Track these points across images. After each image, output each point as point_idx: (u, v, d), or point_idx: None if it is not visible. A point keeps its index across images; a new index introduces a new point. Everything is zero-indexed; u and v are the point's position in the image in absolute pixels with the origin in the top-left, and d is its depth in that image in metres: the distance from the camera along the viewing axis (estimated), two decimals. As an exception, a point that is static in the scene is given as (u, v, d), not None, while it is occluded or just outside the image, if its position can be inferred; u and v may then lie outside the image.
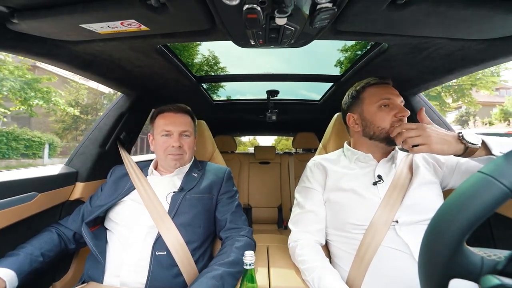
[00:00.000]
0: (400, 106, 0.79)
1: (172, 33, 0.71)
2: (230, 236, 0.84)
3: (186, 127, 0.93)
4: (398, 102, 0.80)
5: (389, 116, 0.78)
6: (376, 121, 0.80)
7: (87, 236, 0.78)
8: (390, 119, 0.78)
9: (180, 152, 0.91)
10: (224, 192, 0.96)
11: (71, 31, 0.66)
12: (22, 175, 0.84)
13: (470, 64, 0.85)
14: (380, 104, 0.80)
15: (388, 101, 0.79)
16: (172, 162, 0.91)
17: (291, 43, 0.74)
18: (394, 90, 0.82)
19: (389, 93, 0.81)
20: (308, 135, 2.40)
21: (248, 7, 0.52)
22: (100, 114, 0.97)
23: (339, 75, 1.32)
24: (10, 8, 0.58)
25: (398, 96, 0.81)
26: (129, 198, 0.87)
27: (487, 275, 0.31)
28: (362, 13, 0.59)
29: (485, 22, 0.60)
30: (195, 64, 1.55)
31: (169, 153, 0.90)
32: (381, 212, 0.72)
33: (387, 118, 0.78)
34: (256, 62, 1.44)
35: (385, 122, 0.79)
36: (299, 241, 0.80)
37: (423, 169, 0.81)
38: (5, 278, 0.65)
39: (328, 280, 0.65)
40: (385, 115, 0.79)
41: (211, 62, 1.80)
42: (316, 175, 0.89)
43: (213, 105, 1.81)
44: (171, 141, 0.89)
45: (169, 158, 0.91)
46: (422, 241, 0.36)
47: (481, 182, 0.33)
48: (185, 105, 0.99)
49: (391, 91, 0.82)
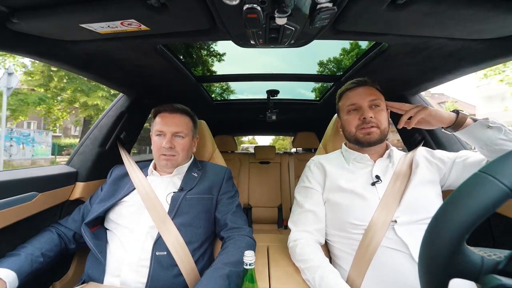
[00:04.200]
0: (365, 107, 0.81)
1: (172, 33, 0.71)
2: (231, 236, 0.84)
3: (179, 128, 0.92)
4: (364, 104, 0.82)
5: (355, 120, 0.83)
6: (346, 126, 0.87)
7: (87, 236, 0.78)
8: (355, 123, 0.83)
9: (172, 153, 0.90)
10: (224, 192, 0.96)
11: (71, 31, 0.66)
12: (22, 175, 0.84)
13: (470, 64, 0.85)
14: (348, 109, 0.86)
15: (353, 106, 0.84)
16: (163, 162, 0.91)
17: (291, 43, 0.74)
18: (366, 89, 0.84)
19: (357, 95, 0.84)
20: (308, 134, 2.41)
21: (248, 7, 0.52)
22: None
23: (339, 75, 1.32)
24: (10, 8, 0.58)
25: (367, 95, 0.82)
26: (129, 198, 0.87)
27: (487, 274, 0.31)
28: (362, 13, 0.59)
29: (485, 22, 0.60)
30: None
31: (161, 153, 0.90)
32: (380, 212, 0.73)
33: (353, 122, 0.84)
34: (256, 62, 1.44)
35: (351, 125, 0.85)
36: (299, 241, 0.80)
37: (424, 168, 0.81)
38: (5, 279, 0.65)
39: (329, 279, 0.65)
40: (352, 119, 0.84)
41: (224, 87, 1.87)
42: (316, 175, 0.90)
43: (213, 105, 1.81)
44: (163, 142, 0.89)
45: (161, 158, 0.91)
46: (422, 241, 0.36)
47: (482, 181, 0.33)
48: (182, 105, 0.98)
49: (360, 93, 0.84)
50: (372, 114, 0.80)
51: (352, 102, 0.84)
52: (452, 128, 0.76)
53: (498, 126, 0.68)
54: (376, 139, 0.81)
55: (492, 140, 0.68)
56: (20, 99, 8.99)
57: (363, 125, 0.81)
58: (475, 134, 0.72)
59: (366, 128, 0.81)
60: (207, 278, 0.65)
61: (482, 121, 0.71)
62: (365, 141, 0.82)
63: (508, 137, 0.67)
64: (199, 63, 1.53)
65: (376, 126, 0.80)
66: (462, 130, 0.74)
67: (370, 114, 0.79)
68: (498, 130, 0.68)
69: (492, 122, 0.69)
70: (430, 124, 0.78)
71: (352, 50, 1.34)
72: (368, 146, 0.83)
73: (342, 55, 1.48)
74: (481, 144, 0.71)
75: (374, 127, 0.80)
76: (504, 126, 0.68)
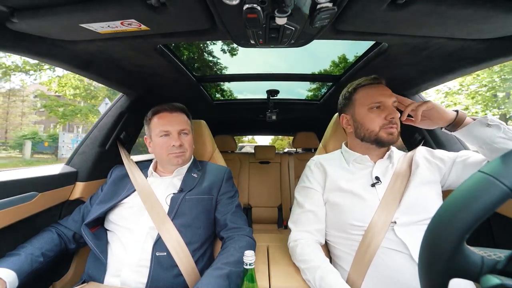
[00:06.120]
0: (391, 107, 0.79)
1: (172, 33, 0.71)
2: (231, 236, 0.84)
3: (183, 125, 0.93)
4: (389, 103, 0.79)
5: (379, 119, 0.79)
6: (366, 123, 0.81)
7: (88, 237, 0.78)
8: (380, 122, 0.79)
9: (182, 150, 0.91)
10: (224, 192, 0.95)
11: (71, 31, 0.66)
12: (22, 175, 0.84)
13: (470, 64, 0.85)
14: (370, 106, 0.81)
15: (378, 103, 0.80)
16: (175, 160, 0.91)
17: (291, 43, 0.74)
18: (387, 90, 0.82)
19: (381, 94, 0.80)
20: (308, 134, 2.40)
21: (248, 7, 0.52)
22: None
23: (339, 75, 1.32)
24: (10, 8, 0.58)
25: (390, 96, 0.80)
26: (129, 200, 0.87)
27: (487, 274, 0.31)
28: (362, 12, 0.59)
29: (485, 22, 0.60)
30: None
31: (170, 152, 0.90)
32: (379, 214, 0.73)
33: (377, 120, 0.79)
34: (256, 62, 1.44)
35: (374, 124, 0.79)
36: (299, 241, 0.80)
37: (424, 168, 0.81)
38: (5, 279, 0.65)
39: (329, 279, 0.65)
40: (375, 117, 0.79)
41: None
42: (316, 175, 0.90)
43: (213, 105, 1.81)
44: (172, 141, 0.89)
45: (171, 157, 0.90)
46: (422, 241, 0.36)
47: (482, 181, 0.33)
48: (178, 103, 0.99)
49: (382, 91, 0.81)
50: (399, 114, 0.78)
51: (378, 99, 0.80)
52: (451, 126, 0.75)
53: (497, 124, 0.68)
54: (396, 140, 0.80)
55: (492, 139, 0.68)
56: (72, 110, 12.91)
57: (389, 125, 0.78)
58: (474, 133, 0.71)
59: (390, 128, 0.78)
60: (207, 278, 0.65)
61: (481, 119, 0.71)
62: (388, 141, 0.79)
63: (507, 135, 0.67)
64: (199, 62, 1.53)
65: (397, 127, 0.79)
66: (461, 129, 0.73)
67: (398, 114, 0.78)
68: (497, 128, 0.68)
69: (491, 120, 0.69)
70: (432, 122, 0.78)
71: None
72: (387, 145, 0.81)
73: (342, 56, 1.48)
74: (481, 143, 0.71)
75: (395, 128, 0.79)
76: (503, 124, 0.68)
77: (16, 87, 15.82)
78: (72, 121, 14.12)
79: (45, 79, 10.70)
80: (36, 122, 17.38)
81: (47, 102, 12.99)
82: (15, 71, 11.19)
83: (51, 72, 10.83)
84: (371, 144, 0.82)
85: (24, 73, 11.31)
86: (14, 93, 15.93)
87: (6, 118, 15.94)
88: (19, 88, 15.72)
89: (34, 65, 10.72)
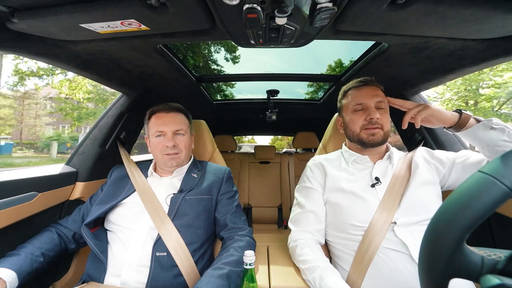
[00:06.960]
0: (372, 108, 0.80)
1: (172, 33, 0.71)
2: (231, 236, 0.84)
3: (179, 125, 0.93)
4: (370, 104, 0.81)
5: (360, 120, 0.82)
6: (349, 124, 0.86)
7: (88, 237, 0.78)
8: (361, 122, 0.82)
9: (176, 151, 0.90)
10: (223, 192, 0.95)
11: (71, 31, 0.66)
12: (22, 175, 0.84)
13: (470, 64, 0.85)
14: (354, 109, 0.84)
15: (360, 105, 0.83)
16: (169, 162, 0.91)
17: (291, 43, 0.74)
18: (373, 90, 0.83)
19: (364, 95, 0.83)
20: (309, 134, 2.40)
21: (248, 7, 0.52)
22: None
23: (339, 75, 1.32)
24: (10, 8, 0.58)
25: (372, 97, 0.81)
26: (129, 200, 0.87)
27: (487, 274, 0.31)
28: (362, 13, 0.59)
29: (485, 22, 0.60)
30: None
31: (165, 153, 0.90)
32: (379, 214, 0.73)
33: (358, 121, 0.83)
34: (256, 62, 1.44)
35: (356, 125, 0.83)
36: (299, 241, 0.80)
37: (423, 169, 0.81)
38: (5, 279, 0.65)
39: (329, 279, 0.65)
40: (357, 118, 0.83)
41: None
42: (316, 175, 0.90)
43: (213, 105, 1.81)
44: (165, 141, 0.89)
45: (165, 158, 0.90)
46: (422, 241, 0.36)
47: (482, 181, 0.33)
48: (176, 103, 0.98)
49: (366, 93, 0.83)
50: (378, 115, 0.79)
51: (359, 101, 0.82)
52: (454, 128, 0.75)
53: (501, 128, 0.67)
54: (380, 141, 0.81)
55: (495, 142, 0.68)
56: (86, 113, 13.89)
57: (368, 126, 0.80)
58: (477, 135, 0.71)
59: (371, 129, 0.80)
60: (207, 278, 0.65)
61: (485, 122, 0.70)
62: (369, 142, 0.81)
63: (511, 138, 0.66)
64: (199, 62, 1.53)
65: (380, 128, 0.80)
66: (465, 131, 0.73)
67: (377, 115, 0.79)
68: (501, 132, 0.67)
69: (496, 124, 0.68)
70: (432, 123, 0.78)
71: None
72: (371, 147, 0.83)
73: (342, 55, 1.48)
74: (483, 144, 0.71)
75: (378, 129, 0.80)
76: (507, 128, 0.67)
77: (30, 90, 16.36)
78: (87, 123, 14.75)
79: (57, 83, 10.77)
80: (47, 123, 17.88)
81: (62, 106, 13.69)
82: (29, 76, 11.33)
83: (63, 76, 10.93)
84: (357, 145, 0.86)
85: (37, 77, 11.45)
86: (29, 96, 16.50)
87: (21, 120, 16.61)
88: (33, 91, 16.25)
89: (48, 69, 10.94)
